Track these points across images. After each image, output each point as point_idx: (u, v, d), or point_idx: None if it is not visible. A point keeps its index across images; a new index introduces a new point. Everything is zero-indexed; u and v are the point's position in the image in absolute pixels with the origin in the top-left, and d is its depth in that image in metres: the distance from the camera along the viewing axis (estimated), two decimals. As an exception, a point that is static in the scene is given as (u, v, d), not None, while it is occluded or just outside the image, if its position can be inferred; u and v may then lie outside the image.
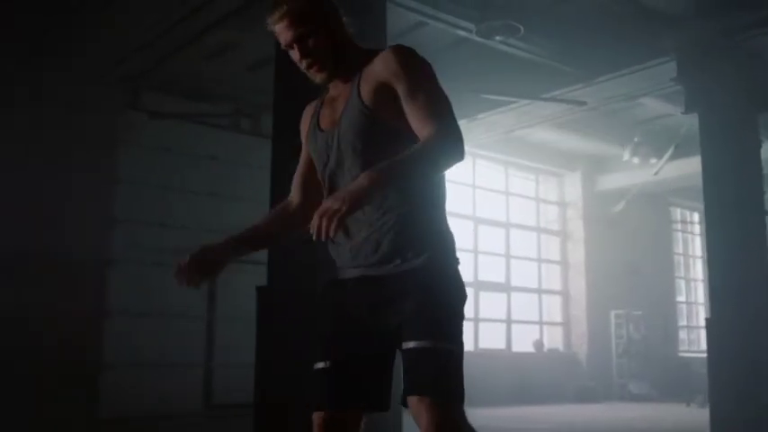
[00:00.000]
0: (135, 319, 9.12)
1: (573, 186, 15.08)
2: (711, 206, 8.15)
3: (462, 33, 7.61)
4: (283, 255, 4.83)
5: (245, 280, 10.12)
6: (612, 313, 14.60)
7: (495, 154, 13.42)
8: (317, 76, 2.24)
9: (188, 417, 9.23)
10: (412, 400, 2.01)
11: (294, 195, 2.51)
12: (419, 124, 2.07)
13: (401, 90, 2.10)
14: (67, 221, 8.56)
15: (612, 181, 14.59)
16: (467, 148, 2.14)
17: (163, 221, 9.48)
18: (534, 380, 13.04)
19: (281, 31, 2.18)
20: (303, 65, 2.23)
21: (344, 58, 2.24)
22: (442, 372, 2.00)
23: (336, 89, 2.30)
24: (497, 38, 7.37)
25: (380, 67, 2.14)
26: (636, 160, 12.19)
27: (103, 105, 9.08)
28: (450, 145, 2.04)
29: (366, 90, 2.15)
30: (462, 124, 8.84)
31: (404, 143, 2.07)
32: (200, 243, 8.94)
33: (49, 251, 8.43)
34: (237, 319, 10.09)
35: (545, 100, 9.47)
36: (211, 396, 9.81)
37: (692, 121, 9.63)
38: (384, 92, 2.13)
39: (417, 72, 2.13)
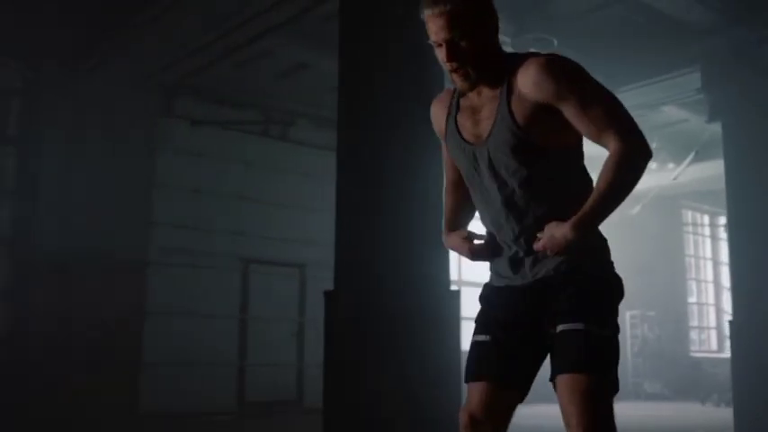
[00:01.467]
0: (171, 319, 9.42)
1: (587, 189, 15.35)
2: (734, 212, 8.39)
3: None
4: (349, 259, 5.06)
5: (276, 282, 10.51)
6: (628, 314, 14.88)
7: (513, 158, 13.68)
8: (458, 82, 2.18)
9: (222, 414, 9.52)
10: (562, 378, 2.01)
11: (452, 199, 2.48)
12: (597, 137, 2.06)
13: (567, 110, 2.06)
14: (109, 224, 8.85)
15: (627, 184, 14.86)
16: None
17: (197, 224, 9.80)
18: (552, 379, 13.29)
19: (436, 28, 2.10)
20: (447, 67, 2.16)
21: (490, 67, 2.16)
22: (596, 353, 2.01)
23: (477, 98, 2.22)
24: (531, 50, 7.64)
25: (531, 88, 2.07)
26: (654, 165, 12.46)
27: (142, 112, 9.38)
28: (639, 157, 2.04)
29: (519, 110, 2.10)
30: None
31: (556, 158, 2.14)
32: (232, 246, 9.22)
33: (92, 253, 8.72)
34: (269, 320, 10.42)
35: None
36: (244, 394, 10.11)
37: (710, 128, 9.92)
38: (539, 112, 2.09)
39: (577, 85, 2.06)
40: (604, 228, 2.19)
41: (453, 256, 5.37)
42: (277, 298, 10.54)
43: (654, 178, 13.44)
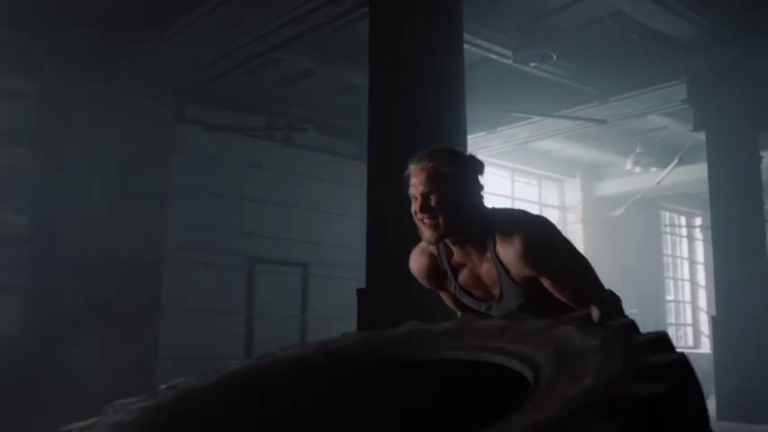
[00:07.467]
0: (184, 315, 9.81)
1: (572, 191, 15.96)
2: (717, 214, 8.98)
3: (499, 59, 8.40)
4: (381, 256, 5.43)
5: (280, 280, 10.93)
6: (611, 311, 15.45)
7: (502, 162, 14.23)
8: (425, 232, 2.34)
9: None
10: None
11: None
12: (572, 303, 2.28)
13: (545, 282, 2.29)
14: (126, 224, 9.23)
15: (609, 187, 15.51)
16: (482, 157, 2.36)
17: (208, 225, 10.20)
18: (539, 374, 13.79)
19: (416, 181, 2.31)
20: (417, 216, 2.33)
21: (469, 226, 2.34)
22: None
23: (467, 258, 2.42)
24: (532, 64, 8.18)
25: (515, 261, 2.26)
26: (638, 170, 13.06)
27: (157, 117, 9.76)
28: (613, 306, 2.37)
29: (516, 273, 2.30)
30: (482, 136, 9.79)
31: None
32: (239, 245, 9.65)
33: (110, 252, 9.08)
34: (274, 316, 10.84)
35: (567, 118, 10.27)
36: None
37: (692, 135, 10.50)
38: (532, 276, 2.29)
39: (553, 264, 2.28)
40: (592, 228, 2.63)
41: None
42: (280, 295, 10.98)
43: (639, 181, 14.08)
